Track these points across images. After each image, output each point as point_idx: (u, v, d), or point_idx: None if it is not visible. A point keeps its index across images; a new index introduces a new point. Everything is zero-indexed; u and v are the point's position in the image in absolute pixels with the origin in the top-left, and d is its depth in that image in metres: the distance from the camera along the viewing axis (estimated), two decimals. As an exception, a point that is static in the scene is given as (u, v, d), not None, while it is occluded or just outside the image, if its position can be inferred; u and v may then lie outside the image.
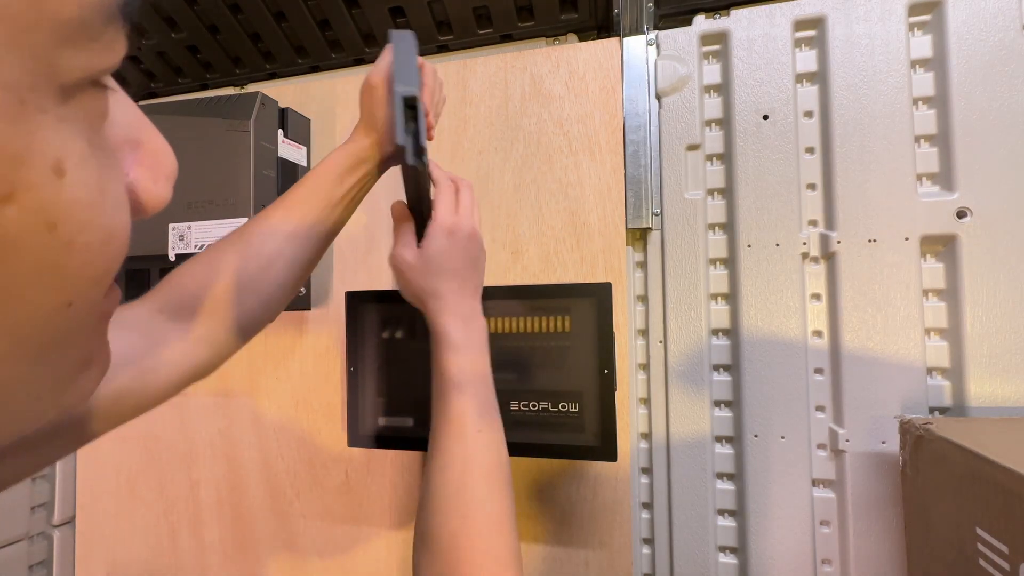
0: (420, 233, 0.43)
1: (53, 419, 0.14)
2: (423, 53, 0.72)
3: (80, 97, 0.11)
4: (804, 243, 0.58)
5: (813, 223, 0.59)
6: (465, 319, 0.41)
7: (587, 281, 0.61)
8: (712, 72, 0.62)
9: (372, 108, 0.43)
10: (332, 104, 0.72)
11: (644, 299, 0.64)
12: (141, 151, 0.14)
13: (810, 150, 0.59)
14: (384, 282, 0.68)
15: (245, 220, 0.60)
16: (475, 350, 0.40)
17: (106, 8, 0.11)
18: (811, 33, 0.59)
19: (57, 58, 0.10)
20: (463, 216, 0.42)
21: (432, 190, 0.43)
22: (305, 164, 0.70)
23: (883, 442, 0.55)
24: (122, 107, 0.14)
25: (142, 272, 0.63)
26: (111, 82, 0.13)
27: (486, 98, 0.66)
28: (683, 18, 0.63)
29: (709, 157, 0.62)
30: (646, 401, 0.63)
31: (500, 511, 0.36)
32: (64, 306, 0.12)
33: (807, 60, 0.60)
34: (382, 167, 0.44)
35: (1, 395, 0.12)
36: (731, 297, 0.61)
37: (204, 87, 0.81)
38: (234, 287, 0.37)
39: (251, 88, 0.80)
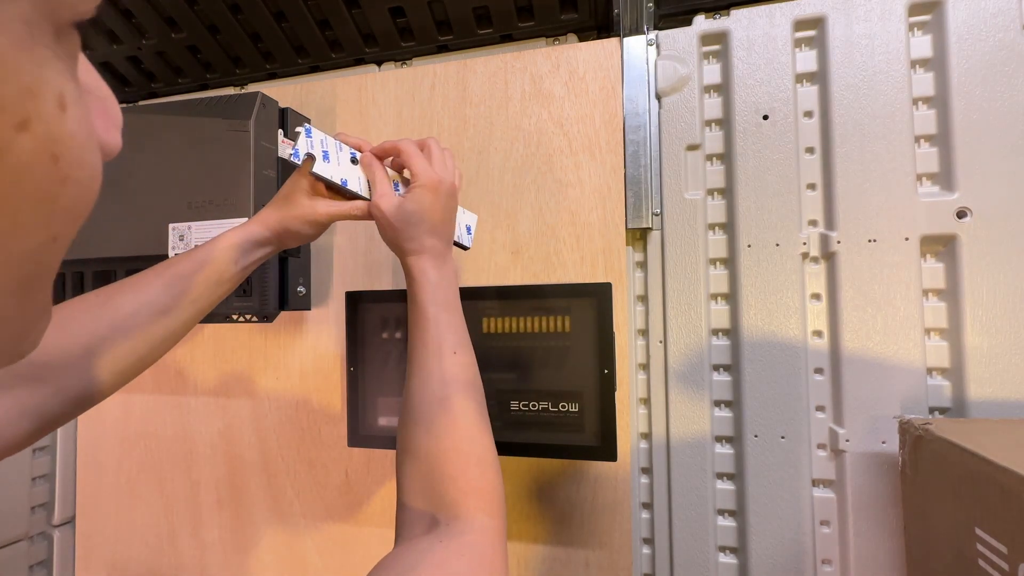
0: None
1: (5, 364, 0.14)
2: (423, 53, 0.72)
3: (67, 37, 0.11)
4: (804, 243, 0.58)
5: (813, 223, 0.59)
6: (441, 261, 0.44)
7: (587, 281, 0.61)
8: (712, 72, 0.62)
9: (294, 212, 0.45)
10: (332, 104, 0.72)
11: (644, 299, 0.64)
12: (93, 97, 0.14)
13: (810, 150, 0.59)
14: (384, 282, 0.68)
15: (245, 220, 0.59)
16: (449, 287, 0.44)
17: None
18: (811, 33, 0.59)
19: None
20: (443, 172, 0.44)
21: (359, 179, 0.46)
22: (305, 164, 0.70)
23: (883, 442, 0.55)
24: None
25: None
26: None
27: (486, 98, 0.66)
28: (683, 18, 0.63)
29: (709, 157, 0.62)
30: (646, 401, 0.63)
31: (478, 421, 0.39)
32: (51, 240, 0.12)
33: (807, 60, 0.60)
34: (283, 244, 0.47)
35: None
36: (731, 297, 0.61)
37: (204, 87, 0.81)
38: (84, 355, 0.34)
39: (251, 88, 0.80)
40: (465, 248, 0.54)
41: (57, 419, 0.34)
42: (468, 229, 0.54)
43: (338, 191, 0.45)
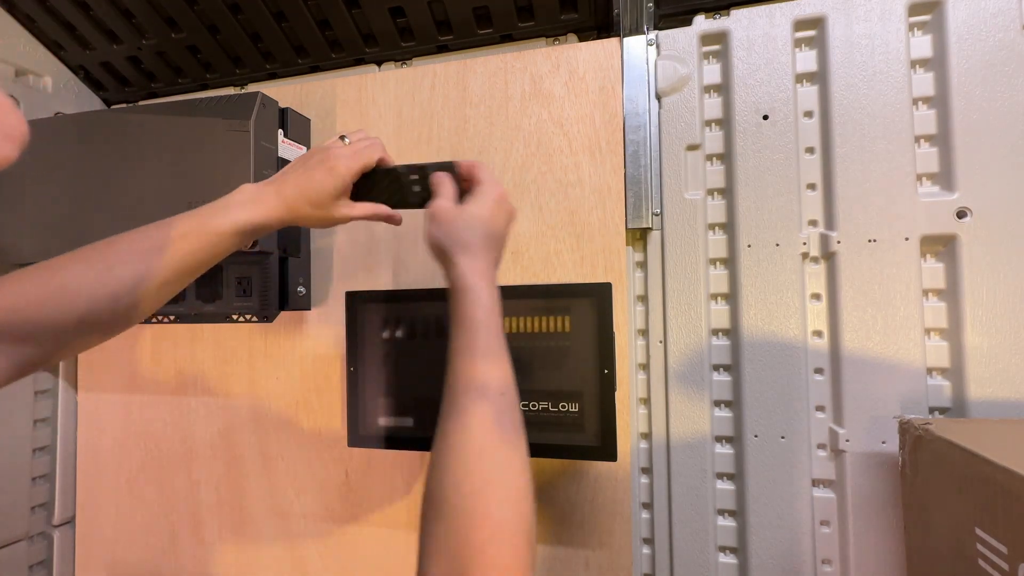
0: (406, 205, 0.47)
1: None
2: (423, 53, 0.72)
3: None
4: (804, 243, 0.58)
5: (813, 223, 0.59)
6: (491, 281, 0.40)
7: (587, 281, 0.61)
8: (712, 72, 0.62)
9: (321, 212, 0.44)
10: (332, 104, 0.72)
11: (644, 299, 0.64)
12: None
13: (810, 150, 0.59)
14: (384, 282, 0.68)
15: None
16: (497, 307, 0.39)
17: None
18: (811, 33, 0.59)
19: None
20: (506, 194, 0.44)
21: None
22: (305, 164, 0.70)
23: (883, 442, 0.55)
24: None
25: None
26: None
27: (486, 98, 0.66)
28: (683, 18, 0.63)
29: (709, 157, 0.62)
30: (646, 401, 0.63)
31: (520, 483, 0.33)
32: None
33: (807, 60, 0.60)
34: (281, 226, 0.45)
35: None
36: (731, 297, 0.61)
37: (204, 87, 0.81)
38: (74, 300, 0.35)
39: (251, 88, 0.80)
40: None
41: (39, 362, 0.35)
42: None
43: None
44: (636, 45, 0.62)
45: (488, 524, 0.31)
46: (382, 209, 0.47)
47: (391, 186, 0.47)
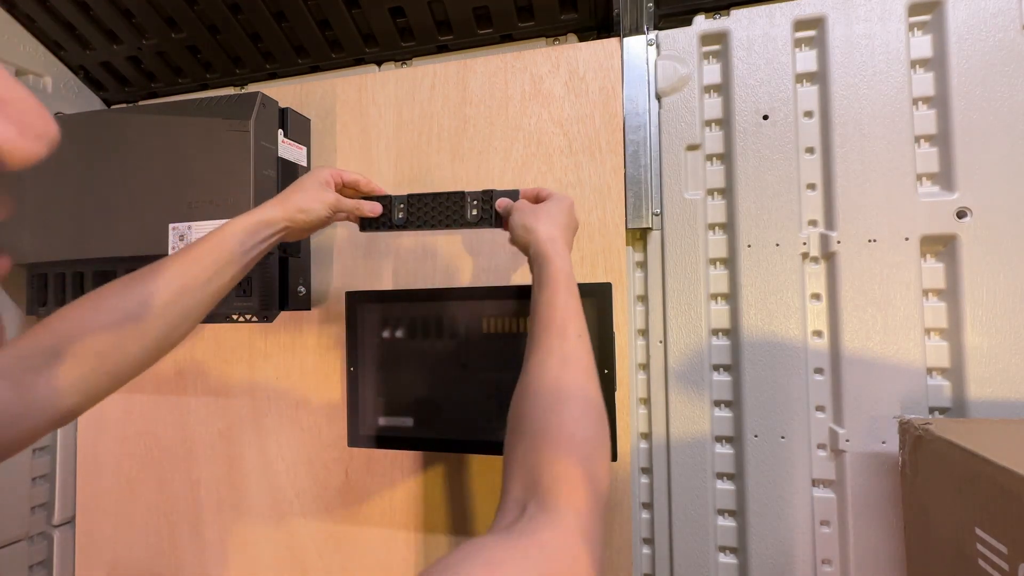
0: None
1: None
2: (423, 53, 0.72)
3: None
4: (804, 243, 0.58)
5: (813, 223, 0.59)
6: (568, 256, 0.46)
7: (587, 281, 0.61)
8: (712, 72, 0.62)
9: (313, 197, 0.50)
10: (332, 104, 0.72)
11: (644, 299, 0.64)
12: (7, 107, 0.15)
13: (810, 150, 0.59)
14: (384, 282, 0.68)
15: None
16: (575, 286, 0.44)
17: None
18: (811, 33, 0.59)
19: None
20: None
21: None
22: (305, 164, 0.70)
23: (883, 442, 0.55)
24: None
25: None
26: None
27: (486, 98, 0.66)
28: (683, 18, 0.63)
29: (709, 157, 0.62)
30: (646, 401, 0.63)
31: (593, 405, 0.37)
32: None
33: (807, 60, 0.60)
34: (293, 236, 0.52)
35: None
36: (731, 297, 0.61)
37: (204, 87, 0.81)
38: (117, 333, 0.38)
39: (251, 88, 0.80)
40: None
41: (100, 394, 0.38)
42: None
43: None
44: (636, 45, 0.62)
45: (560, 439, 0.33)
46: (363, 205, 0.55)
47: (453, 206, 0.55)
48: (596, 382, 0.39)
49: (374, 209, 0.55)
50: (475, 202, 0.54)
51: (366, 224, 0.56)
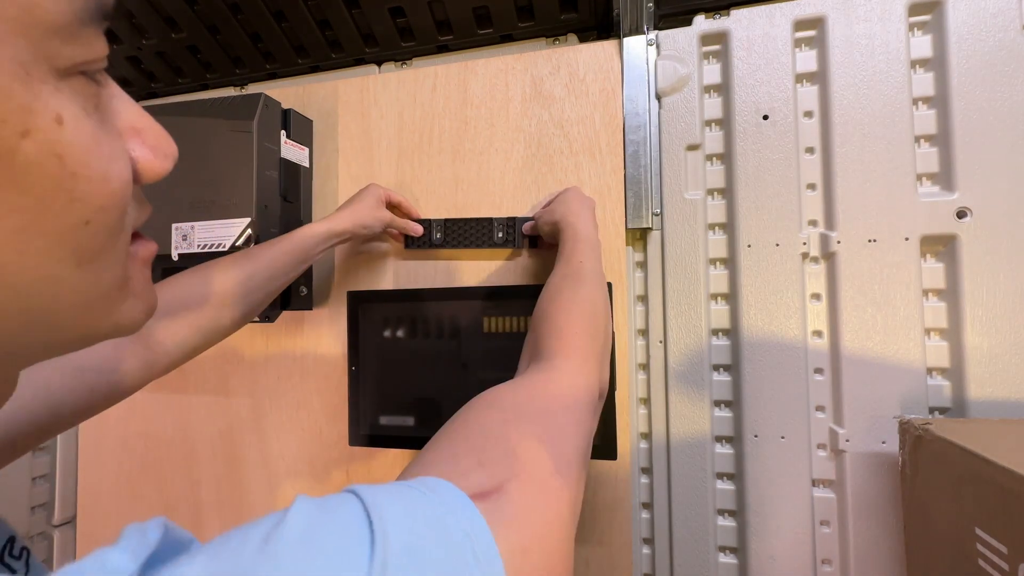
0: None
1: (107, 335, 0.20)
2: (423, 53, 0.72)
3: (73, 80, 0.16)
4: (804, 243, 0.58)
5: (813, 223, 0.59)
6: (588, 227, 0.52)
7: (587, 281, 0.61)
8: (712, 72, 0.62)
9: (372, 215, 0.59)
10: (334, 105, 0.72)
11: (644, 299, 0.64)
12: (143, 135, 0.19)
13: (810, 150, 0.59)
14: (385, 282, 0.68)
15: (247, 220, 0.60)
16: (599, 251, 0.51)
17: (79, 17, 0.15)
18: (811, 33, 0.59)
19: (49, 48, 0.15)
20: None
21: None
22: (307, 165, 0.70)
23: (883, 442, 0.55)
24: (126, 105, 0.19)
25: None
26: (110, 84, 0.18)
27: (487, 100, 0.66)
28: (683, 18, 0.63)
29: (709, 157, 0.63)
30: (646, 401, 0.63)
31: (596, 307, 0.42)
32: (83, 223, 0.16)
33: (807, 60, 0.60)
34: (357, 243, 0.67)
35: (52, 287, 0.16)
36: (731, 297, 0.61)
37: (204, 87, 0.81)
38: (217, 303, 0.46)
39: (251, 88, 0.80)
40: None
41: (197, 350, 0.46)
42: None
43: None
44: (636, 45, 0.62)
45: (556, 324, 0.39)
46: (410, 225, 0.64)
47: (482, 229, 0.64)
48: (605, 297, 0.44)
49: (417, 230, 0.64)
50: (501, 226, 0.63)
51: (410, 242, 0.65)
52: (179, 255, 0.61)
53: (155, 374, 0.42)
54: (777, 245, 0.59)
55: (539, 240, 0.63)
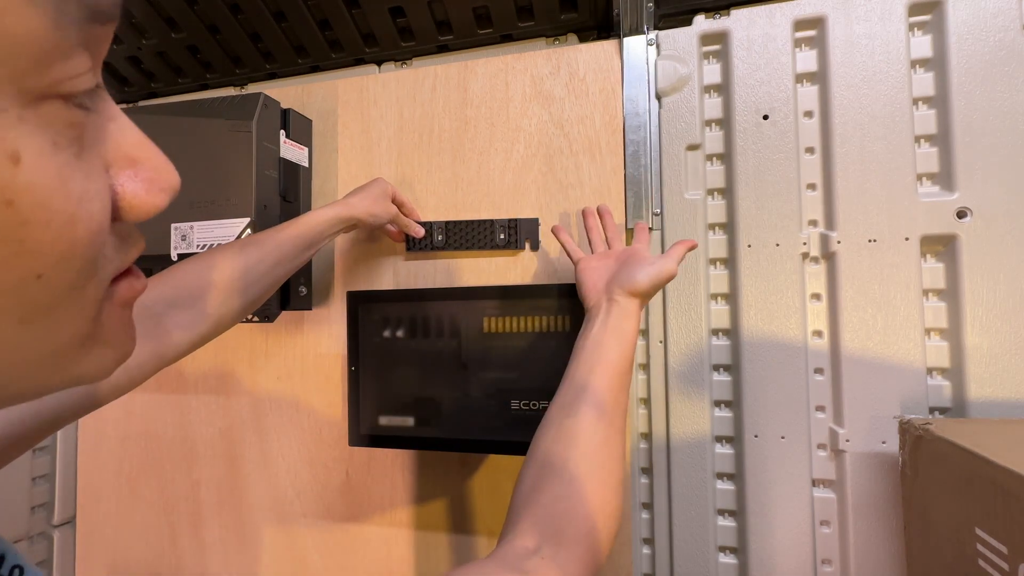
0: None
1: (63, 387, 0.17)
2: (423, 53, 0.72)
3: (45, 106, 0.13)
4: (804, 243, 0.58)
5: (813, 223, 0.59)
6: (622, 318, 0.48)
7: (587, 281, 0.61)
8: (712, 72, 0.62)
9: (381, 205, 0.59)
10: (334, 105, 0.72)
11: (644, 299, 0.64)
12: (139, 167, 0.17)
13: (810, 150, 0.59)
14: (385, 282, 0.68)
15: (247, 220, 0.60)
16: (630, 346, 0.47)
17: (55, 22, 0.12)
18: (811, 33, 0.59)
19: (15, 71, 0.12)
20: None
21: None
22: (307, 165, 0.70)
23: (883, 442, 0.55)
24: (124, 132, 0.17)
25: (144, 271, 0.63)
26: (103, 107, 0.16)
27: (487, 99, 0.66)
28: (683, 18, 0.63)
29: (709, 157, 0.63)
30: (646, 401, 0.63)
31: (617, 479, 0.39)
32: (34, 277, 0.13)
33: (807, 60, 0.60)
34: (359, 235, 0.67)
35: None
36: (731, 297, 0.61)
37: (204, 87, 0.81)
38: (225, 290, 0.45)
39: (251, 88, 0.80)
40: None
41: (206, 338, 0.44)
42: None
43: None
44: (636, 45, 0.62)
45: (595, 501, 0.37)
46: (413, 225, 0.64)
47: (484, 231, 0.64)
48: (617, 422, 0.41)
49: (419, 231, 0.64)
50: (503, 228, 0.63)
51: (411, 244, 0.66)
52: (178, 255, 0.61)
53: (163, 364, 0.41)
54: (777, 245, 0.59)
55: (540, 241, 0.63)
